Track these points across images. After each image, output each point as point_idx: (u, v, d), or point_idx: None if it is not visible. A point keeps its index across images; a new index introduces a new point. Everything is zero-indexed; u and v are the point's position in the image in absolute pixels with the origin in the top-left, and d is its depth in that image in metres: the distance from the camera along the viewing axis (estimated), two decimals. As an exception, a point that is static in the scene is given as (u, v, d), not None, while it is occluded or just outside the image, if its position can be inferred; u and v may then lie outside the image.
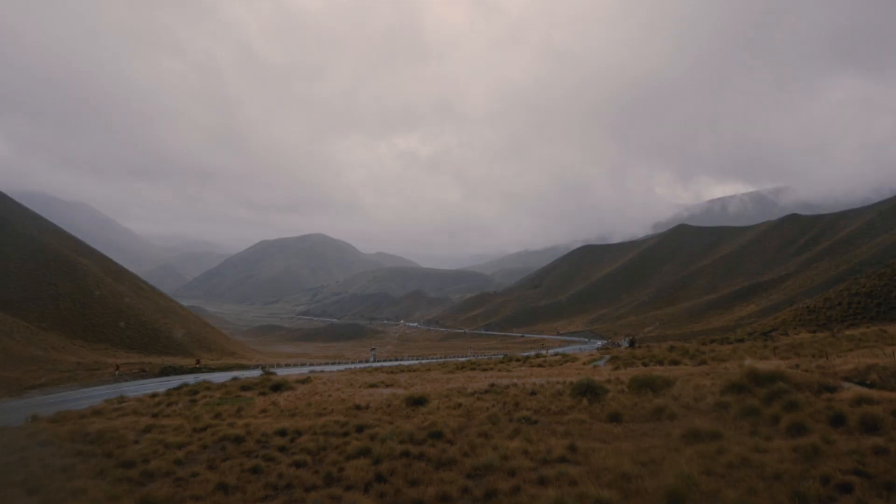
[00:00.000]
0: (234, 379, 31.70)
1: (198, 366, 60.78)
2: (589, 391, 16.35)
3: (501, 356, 61.49)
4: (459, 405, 17.28)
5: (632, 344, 65.25)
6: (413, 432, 13.66)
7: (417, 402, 18.21)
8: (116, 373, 49.47)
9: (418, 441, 12.86)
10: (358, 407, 18.79)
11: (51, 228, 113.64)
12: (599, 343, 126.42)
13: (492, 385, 21.29)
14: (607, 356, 40.37)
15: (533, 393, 18.39)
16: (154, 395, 27.65)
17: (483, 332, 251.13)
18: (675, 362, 29.57)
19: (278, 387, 26.95)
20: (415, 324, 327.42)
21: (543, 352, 71.38)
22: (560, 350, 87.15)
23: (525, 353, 65.36)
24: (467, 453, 11.46)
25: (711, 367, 23.77)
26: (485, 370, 33.74)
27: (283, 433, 15.24)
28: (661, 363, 29.86)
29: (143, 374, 51.12)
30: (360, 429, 14.89)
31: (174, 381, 40.86)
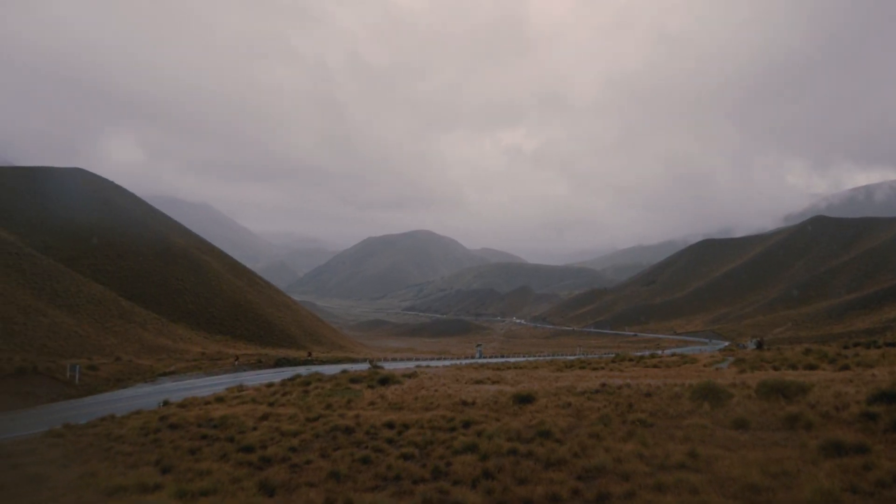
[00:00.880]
0: (344, 371, 32.70)
1: (309, 358, 63.45)
2: (711, 395, 15.33)
3: (612, 355, 59.70)
4: (568, 404, 16.80)
5: (759, 346, 61.42)
6: (520, 430, 13.42)
7: (525, 399, 17.89)
8: (236, 363, 52.59)
9: (526, 439, 12.60)
10: (464, 403, 18.74)
11: (178, 228, 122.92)
12: (721, 344, 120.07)
13: (603, 385, 20.57)
14: (731, 358, 38.20)
15: (648, 395, 17.57)
16: (270, 385, 29.02)
17: (593, 330, 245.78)
18: (811, 367, 27.38)
19: (386, 380, 27.50)
20: (521, 320, 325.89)
21: (658, 352, 68.68)
22: (677, 350, 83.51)
23: (638, 353, 63.12)
24: (577, 454, 11.07)
25: (855, 372, 21.76)
26: (595, 369, 32.81)
27: (391, 426, 15.46)
28: (794, 367, 27.75)
29: (260, 364, 54.04)
30: (466, 424, 14.82)
31: (287, 371, 42.84)
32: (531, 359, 68.04)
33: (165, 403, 25.28)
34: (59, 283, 61.76)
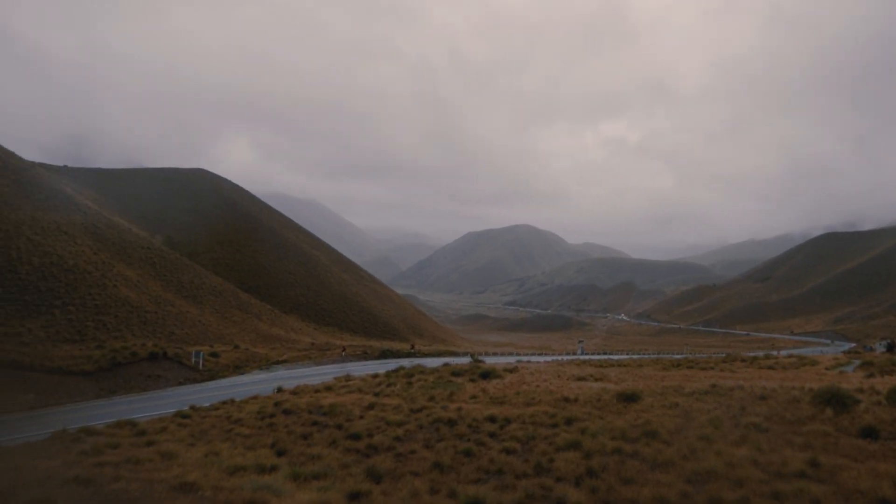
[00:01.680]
0: (446, 365, 33.13)
1: (412, 350, 64.77)
2: (834, 400, 14.23)
3: (723, 355, 56.70)
4: (676, 405, 16.18)
5: (890, 348, 56.25)
6: (625, 429, 13.08)
7: (629, 398, 17.42)
8: (343, 353, 54.55)
9: (631, 439, 12.27)
10: (566, 399, 18.50)
11: (289, 224, 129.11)
12: (845, 346, 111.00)
13: (713, 386, 19.62)
14: (857, 361, 35.30)
15: (762, 398, 16.58)
16: (375, 376, 29.89)
17: (701, 328, 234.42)
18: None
19: (487, 374, 27.63)
20: (624, 317, 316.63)
21: (774, 353, 64.47)
22: (794, 352, 78.07)
23: (751, 354, 59.53)
24: (686, 456, 10.65)
25: None
26: (704, 369, 31.33)
27: (492, 420, 15.53)
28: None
29: (365, 355, 55.76)
30: (569, 421, 14.64)
31: (391, 363, 43.95)
32: (635, 357, 65.92)
33: (279, 390, 26.63)
34: (184, 276, 66.75)
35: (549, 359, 58.41)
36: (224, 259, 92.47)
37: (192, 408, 22.39)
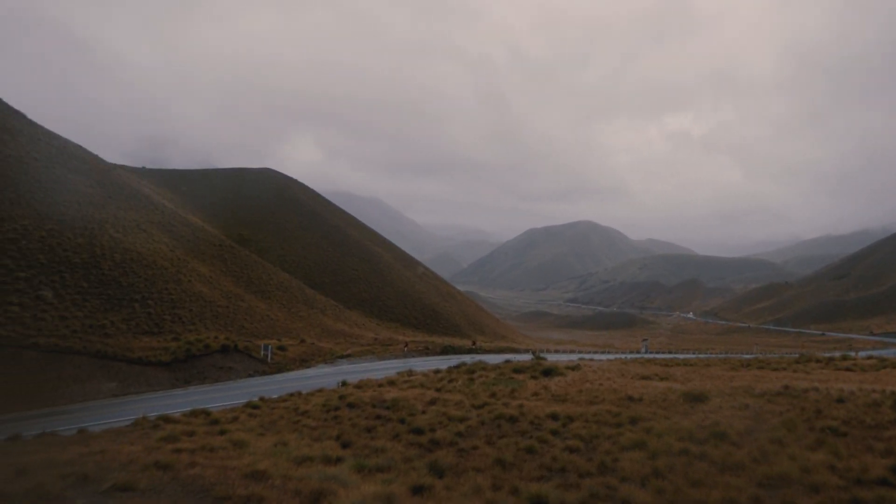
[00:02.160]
0: (507, 361, 33.03)
1: (473, 347, 64.88)
2: (920, 404, 13.45)
3: (796, 355, 54.20)
4: (746, 406, 15.62)
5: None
6: (692, 430, 12.74)
7: (696, 398, 16.94)
8: (405, 349, 55.22)
9: (699, 440, 11.94)
10: (630, 398, 18.17)
11: (352, 221, 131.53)
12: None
13: (786, 387, 18.83)
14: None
15: (840, 400, 15.80)
16: (437, 372, 30.12)
17: (772, 327, 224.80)
18: None
19: (549, 372, 27.40)
20: (690, 315, 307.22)
21: (852, 353, 61.12)
22: (875, 353, 73.81)
23: (826, 354, 56.69)
24: (757, 459, 10.30)
25: None
26: (776, 370, 30.02)
27: (554, 417, 15.42)
28: None
29: (427, 351, 56.28)
30: (633, 421, 14.38)
31: (453, 359, 44.16)
32: (702, 356, 63.84)
33: (344, 384, 27.19)
34: (253, 272, 69.08)
35: (611, 357, 57.36)
36: (291, 256, 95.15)
37: (262, 399, 23.17)
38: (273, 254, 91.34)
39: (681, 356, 62.99)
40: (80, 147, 73.45)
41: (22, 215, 45.70)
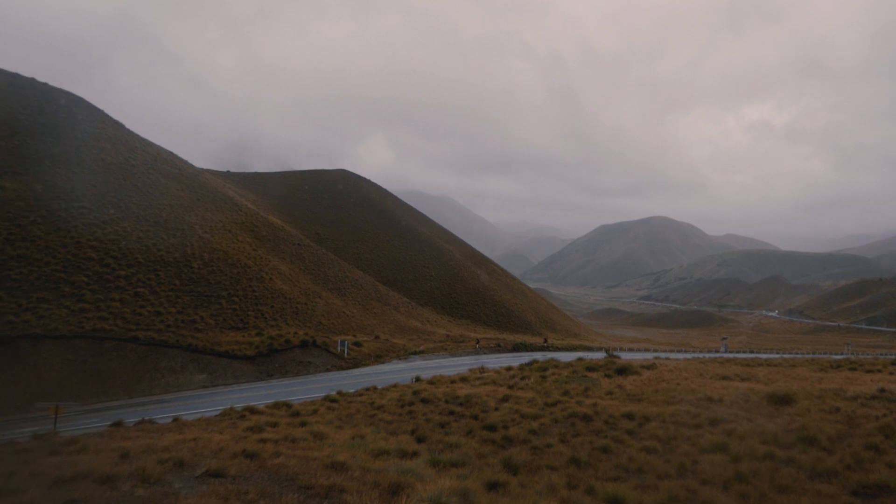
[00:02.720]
0: (580, 359, 32.66)
1: (545, 344, 64.44)
2: None
3: (893, 357, 50.83)
4: (837, 409, 14.85)
5: None
6: (777, 433, 12.26)
7: (782, 400, 16.24)
8: (477, 346, 55.50)
9: (785, 444, 11.49)
10: (710, 399, 17.62)
11: (423, 220, 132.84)
12: None
13: (882, 390, 17.75)
14: None
15: (944, 405, 14.78)
16: (509, 369, 30.16)
17: (864, 326, 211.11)
18: None
19: (623, 370, 26.92)
20: (773, 313, 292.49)
21: (954, 355, 56.75)
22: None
23: (926, 356, 52.85)
24: (850, 466, 9.82)
25: None
26: (870, 371, 28.33)
27: (630, 417, 15.19)
28: None
29: (499, 348, 56.33)
30: (713, 422, 13.96)
31: (524, 356, 44.02)
32: (786, 356, 60.86)
33: (417, 379, 27.69)
34: (329, 270, 71.07)
35: (688, 356, 55.55)
36: (365, 254, 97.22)
37: (339, 393, 23.94)
38: (348, 252, 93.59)
39: (763, 356, 60.23)
40: (172, 153, 77.76)
41: (123, 218, 48.93)
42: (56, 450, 13.64)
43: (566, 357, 37.16)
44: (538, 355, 42.56)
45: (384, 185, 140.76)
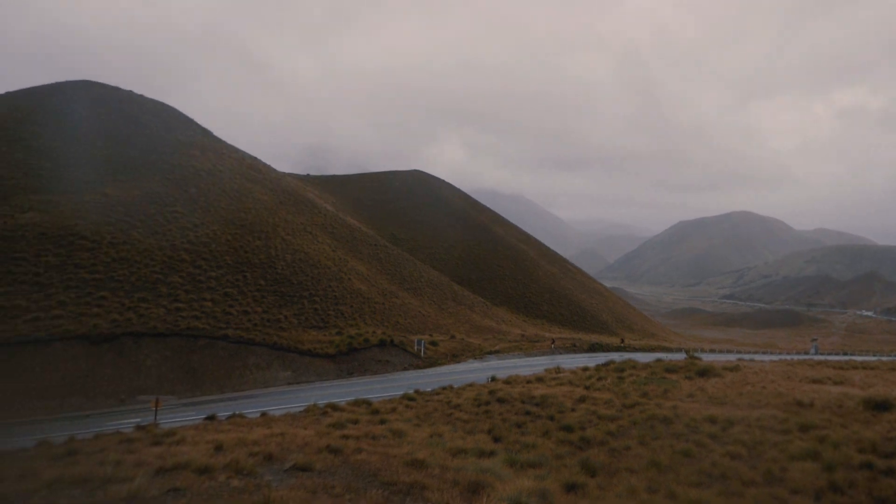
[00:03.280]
0: (658, 360, 31.86)
1: (622, 344, 63.17)
2: None
3: None
4: (943, 417, 13.94)
5: None
6: (876, 441, 11.65)
7: (880, 406, 15.35)
8: (552, 346, 55.01)
9: (885, 453, 10.91)
10: (799, 403, 16.87)
11: (497, 219, 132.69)
12: None
13: None
14: None
15: None
16: (585, 369, 29.78)
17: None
18: None
19: (704, 372, 26.09)
20: (868, 312, 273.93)
21: None
22: None
23: None
24: (962, 479, 9.24)
25: None
26: (979, 377, 26.27)
27: (712, 420, 14.79)
28: None
29: (574, 348, 55.64)
30: (803, 428, 13.40)
31: (601, 357, 43.32)
32: (885, 358, 57.00)
33: (493, 379, 27.79)
34: (405, 270, 72.28)
35: (774, 357, 53.08)
36: (440, 254, 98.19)
37: (417, 392, 24.40)
38: (423, 252, 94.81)
39: (858, 358, 56.64)
40: (256, 158, 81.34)
41: (212, 221, 51.67)
42: (157, 440, 14.65)
43: (644, 358, 36.32)
44: (615, 356, 41.78)
45: (458, 185, 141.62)
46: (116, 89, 75.46)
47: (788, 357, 57.59)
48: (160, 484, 8.82)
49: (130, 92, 76.23)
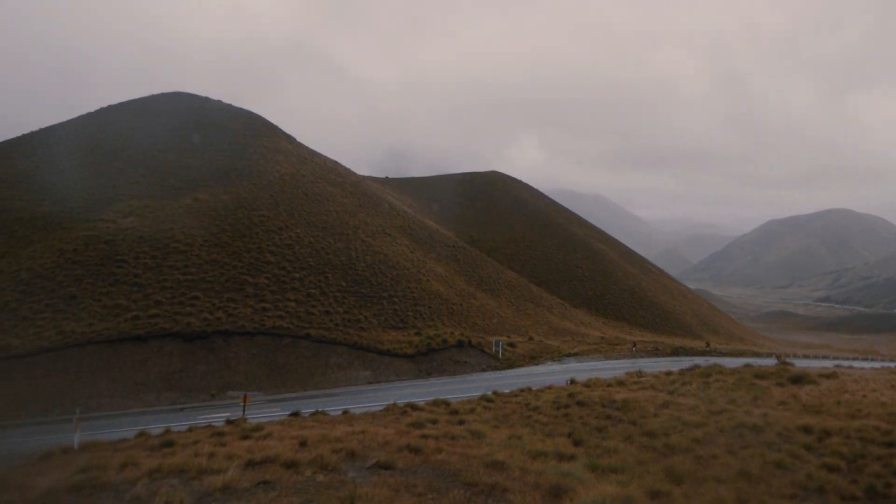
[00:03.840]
0: (747, 366, 30.54)
1: (707, 349, 60.88)
2: None
3: None
4: None
5: None
6: None
7: None
8: (633, 349, 53.65)
9: None
10: (905, 415, 15.79)
11: (576, 219, 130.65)
12: None
13: None
14: None
15: None
16: (668, 374, 28.88)
17: None
18: None
19: (798, 379, 24.77)
20: None
21: None
22: None
23: None
24: None
25: None
26: None
27: (807, 430, 14.09)
28: None
29: (657, 352, 54.08)
30: (910, 442, 12.55)
31: (684, 361, 41.92)
32: None
33: (572, 382, 27.45)
34: (483, 271, 72.45)
35: (876, 365, 49.69)
36: (517, 255, 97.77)
37: (495, 393, 24.44)
38: (501, 253, 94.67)
39: (978, 368, 52.09)
40: (337, 162, 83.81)
41: (296, 224, 53.69)
42: (246, 434, 15.39)
43: (731, 363, 34.87)
44: (700, 360, 40.31)
45: (535, 185, 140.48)
46: (206, 99, 79.72)
47: (892, 365, 53.86)
48: (251, 476, 9.30)
49: (219, 101, 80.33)
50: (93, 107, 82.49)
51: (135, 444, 16.05)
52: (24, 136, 66.80)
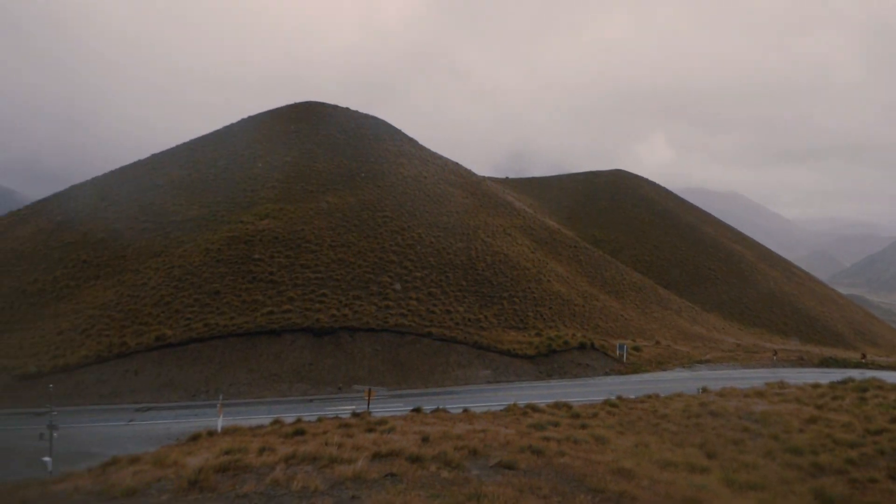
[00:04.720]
0: (912, 381, 27.26)
1: (862, 361, 55.04)
2: None
3: None
4: None
5: None
6: None
7: None
8: (774, 358, 49.79)
9: None
10: None
11: (708, 218, 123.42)
12: None
13: None
14: None
15: None
16: (815, 386, 26.51)
17: None
18: None
19: (978, 399, 21.69)
20: None
21: None
22: None
23: None
24: None
25: None
26: None
27: None
28: None
29: (801, 362, 49.78)
30: None
31: (835, 373, 38.22)
32: None
33: (704, 390, 25.97)
34: (606, 272, 70.34)
35: None
36: (643, 256, 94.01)
37: (619, 398, 23.61)
38: (626, 254, 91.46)
39: None
40: (458, 164, 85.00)
41: (418, 224, 55.08)
42: (370, 427, 15.91)
43: (892, 377, 31.25)
44: (854, 373, 36.50)
45: (663, 184, 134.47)
46: (335, 107, 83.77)
47: None
48: (378, 468, 9.57)
49: (347, 108, 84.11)
50: (235, 117, 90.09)
51: (270, 430, 17.12)
52: (177, 146, 73.81)
